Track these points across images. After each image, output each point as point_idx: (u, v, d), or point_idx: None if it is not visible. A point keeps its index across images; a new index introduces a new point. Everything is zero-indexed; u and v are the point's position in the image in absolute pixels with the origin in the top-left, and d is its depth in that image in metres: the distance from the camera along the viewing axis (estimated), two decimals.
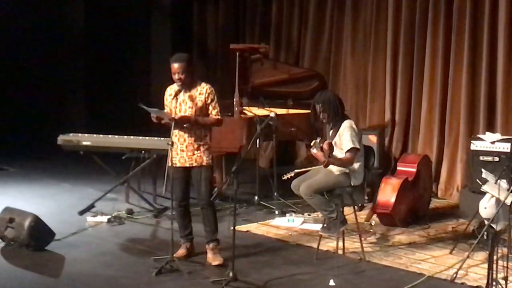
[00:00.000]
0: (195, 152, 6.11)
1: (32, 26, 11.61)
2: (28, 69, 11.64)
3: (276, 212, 7.81)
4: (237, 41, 10.47)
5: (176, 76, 6.02)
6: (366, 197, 8.25)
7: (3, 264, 6.21)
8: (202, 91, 6.09)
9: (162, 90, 6.32)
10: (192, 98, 6.06)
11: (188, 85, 6.07)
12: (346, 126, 6.17)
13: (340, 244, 6.34)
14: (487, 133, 7.75)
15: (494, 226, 5.79)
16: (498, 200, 5.86)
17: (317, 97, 6.33)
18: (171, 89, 6.17)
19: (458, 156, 8.61)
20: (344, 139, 6.14)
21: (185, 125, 6.05)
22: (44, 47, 11.74)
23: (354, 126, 6.22)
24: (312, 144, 6.09)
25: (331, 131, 6.33)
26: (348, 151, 6.11)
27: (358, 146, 6.14)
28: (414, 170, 7.63)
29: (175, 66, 6.00)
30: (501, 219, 5.85)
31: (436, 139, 8.82)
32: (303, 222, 7.46)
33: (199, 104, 6.07)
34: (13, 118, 11.44)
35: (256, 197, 8.14)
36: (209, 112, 6.11)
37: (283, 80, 9.02)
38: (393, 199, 7.29)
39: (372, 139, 8.54)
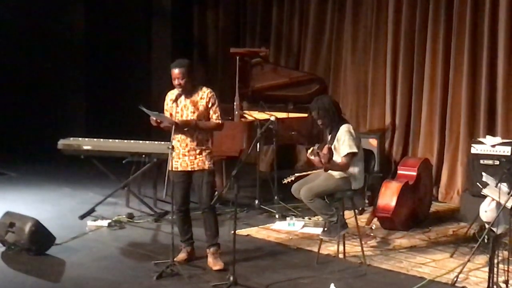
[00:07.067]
0: (197, 156, 6.11)
1: (32, 29, 11.60)
2: (28, 73, 11.63)
3: (277, 216, 7.80)
4: (237, 45, 10.48)
5: (176, 82, 6.04)
6: (366, 201, 8.24)
7: (4, 269, 6.21)
8: (204, 95, 6.10)
9: (162, 94, 6.33)
10: (194, 103, 6.07)
11: (189, 90, 6.08)
12: (344, 131, 6.16)
13: (341, 248, 6.35)
14: (487, 136, 7.75)
15: (494, 229, 5.79)
16: (498, 204, 5.85)
17: (313, 104, 6.32)
18: (172, 94, 6.17)
19: (458, 160, 8.61)
20: (341, 144, 6.13)
21: (185, 129, 6.06)
22: (45, 51, 11.72)
23: (352, 131, 6.20)
24: (310, 151, 6.07)
25: (330, 136, 6.33)
26: (345, 156, 6.11)
27: (355, 151, 6.12)
28: (415, 173, 7.63)
29: (175, 71, 6.02)
30: (502, 222, 5.84)
31: (437, 142, 8.82)
32: (304, 226, 7.46)
33: (201, 108, 6.08)
34: (14, 122, 11.43)
35: (256, 201, 8.15)
36: (210, 116, 6.12)
37: (284, 84, 9.04)
38: (393, 203, 7.28)
39: (373, 142, 8.52)
